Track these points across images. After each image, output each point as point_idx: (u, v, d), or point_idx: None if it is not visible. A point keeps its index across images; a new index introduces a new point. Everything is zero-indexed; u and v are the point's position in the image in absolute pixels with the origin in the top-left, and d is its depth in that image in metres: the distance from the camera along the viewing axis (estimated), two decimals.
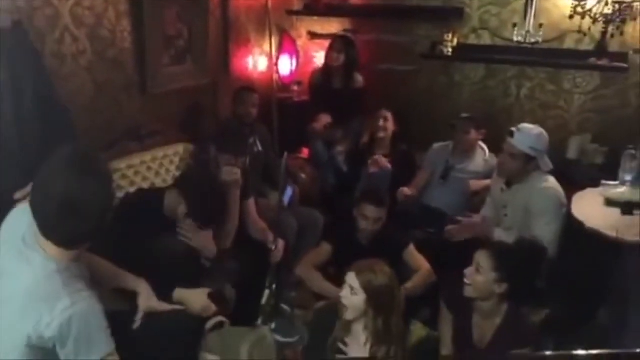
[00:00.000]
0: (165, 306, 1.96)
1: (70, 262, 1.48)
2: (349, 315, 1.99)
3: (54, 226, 1.41)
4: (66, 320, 1.38)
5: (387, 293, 1.98)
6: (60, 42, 2.48)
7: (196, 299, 2.10)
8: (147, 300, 1.91)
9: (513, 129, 2.63)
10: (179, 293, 2.10)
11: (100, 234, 1.47)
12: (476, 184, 3.27)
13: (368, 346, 2.00)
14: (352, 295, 1.97)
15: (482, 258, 2.08)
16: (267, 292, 2.49)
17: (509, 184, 2.69)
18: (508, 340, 2.07)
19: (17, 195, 1.71)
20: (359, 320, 2.00)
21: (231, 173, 2.55)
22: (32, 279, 1.43)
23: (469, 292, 2.10)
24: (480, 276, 2.06)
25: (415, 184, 3.44)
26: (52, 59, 2.44)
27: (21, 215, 1.51)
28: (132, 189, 2.57)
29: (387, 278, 1.99)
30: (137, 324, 1.87)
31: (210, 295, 2.15)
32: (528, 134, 2.58)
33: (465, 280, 2.10)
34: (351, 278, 1.99)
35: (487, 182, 3.11)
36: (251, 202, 2.80)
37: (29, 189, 1.64)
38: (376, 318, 1.96)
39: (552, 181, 2.61)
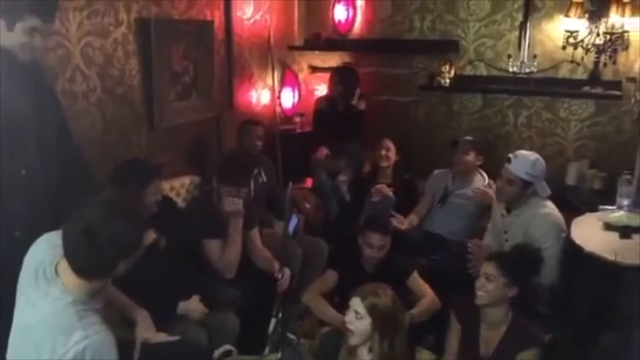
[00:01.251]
0: (161, 337, 1.99)
1: (87, 296, 1.51)
2: (354, 340, 2.01)
3: (76, 253, 1.46)
4: (80, 352, 1.41)
5: (392, 315, 2.01)
6: (71, 81, 2.58)
7: (195, 306, 2.32)
8: (144, 331, 1.95)
9: (510, 155, 2.70)
10: (182, 305, 2.30)
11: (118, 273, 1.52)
12: (485, 195, 3.26)
13: None
14: (358, 319, 1.99)
15: (489, 268, 2.19)
16: (273, 320, 2.52)
17: (508, 209, 2.74)
18: (515, 341, 2.15)
19: None
20: (364, 344, 2.03)
21: (233, 204, 2.60)
22: (48, 310, 1.47)
23: (481, 300, 2.19)
24: (490, 284, 2.17)
25: (417, 211, 3.50)
26: (64, 97, 2.53)
27: (42, 246, 1.57)
28: None
29: (390, 301, 2.02)
30: (135, 357, 1.91)
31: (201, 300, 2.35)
32: (524, 160, 2.65)
33: (477, 292, 2.19)
34: (356, 303, 2.01)
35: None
36: (255, 231, 2.85)
37: None
38: (382, 341, 1.99)
39: (550, 206, 2.66)
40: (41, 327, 1.46)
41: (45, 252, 1.55)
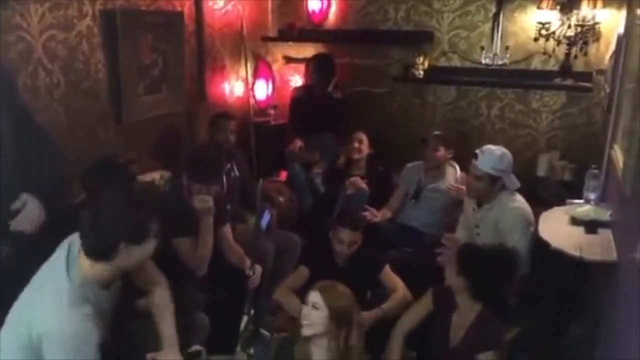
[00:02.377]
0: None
1: (95, 279, 1.64)
2: (307, 331, 2.02)
3: (82, 231, 1.62)
4: (56, 334, 1.54)
5: (348, 310, 2.04)
6: (33, 76, 2.50)
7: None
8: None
9: (477, 151, 2.72)
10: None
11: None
12: (457, 190, 3.25)
13: None
14: (314, 310, 2.01)
15: (459, 283, 2.24)
16: (245, 318, 2.51)
17: (479, 204, 2.77)
18: (477, 339, 2.18)
19: (13, 205, 1.84)
20: (320, 344, 2.03)
21: (202, 201, 2.56)
22: (53, 288, 1.61)
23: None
24: (459, 296, 2.25)
25: (390, 204, 3.51)
26: (26, 93, 2.45)
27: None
28: None
29: (347, 296, 2.06)
30: None
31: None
32: (490, 155, 2.67)
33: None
34: (314, 295, 2.03)
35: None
36: (227, 228, 2.82)
37: (22, 200, 1.83)
38: (338, 335, 2.01)
39: (520, 200, 2.69)
40: (39, 302, 1.60)
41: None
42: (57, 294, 1.59)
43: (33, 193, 1.89)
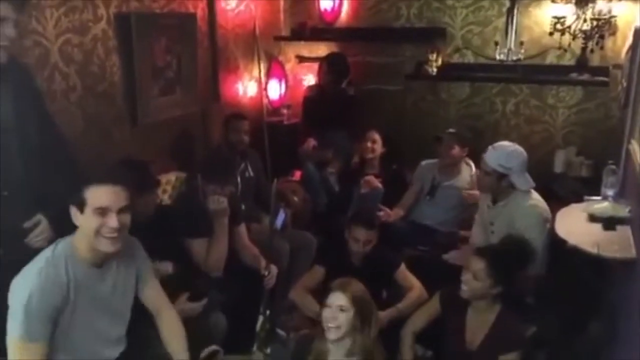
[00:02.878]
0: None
1: (70, 256, 1.71)
2: (336, 334, 1.99)
3: None
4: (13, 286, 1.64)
5: (369, 302, 2.05)
6: (50, 80, 2.53)
7: (185, 306, 2.28)
8: None
9: (490, 146, 2.70)
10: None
11: None
12: (471, 196, 3.27)
13: None
14: (342, 312, 1.99)
15: (478, 265, 2.19)
16: (261, 317, 2.52)
17: (494, 201, 2.75)
18: (499, 340, 2.17)
19: (27, 224, 1.81)
20: (339, 343, 2.03)
21: (217, 202, 2.58)
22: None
23: (465, 294, 2.23)
24: (477, 282, 2.19)
25: (403, 202, 3.50)
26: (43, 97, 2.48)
27: None
28: None
29: (363, 288, 2.07)
30: None
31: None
32: (499, 152, 2.66)
33: (463, 286, 2.22)
34: (338, 297, 2.01)
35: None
36: (242, 228, 2.84)
37: (35, 219, 1.80)
38: (363, 330, 2.00)
39: (535, 197, 2.66)
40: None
41: None
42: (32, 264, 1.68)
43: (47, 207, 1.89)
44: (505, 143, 2.75)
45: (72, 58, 2.65)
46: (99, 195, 1.67)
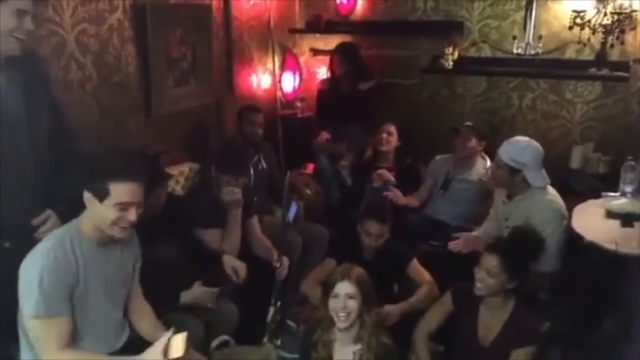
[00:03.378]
0: None
1: (75, 234, 1.73)
2: (347, 322, 2.01)
3: None
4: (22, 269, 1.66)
5: (372, 288, 2.07)
6: (66, 70, 2.55)
7: (201, 293, 2.33)
8: None
9: (505, 141, 2.68)
10: (188, 295, 2.30)
11: None
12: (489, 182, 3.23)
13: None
14: (351, 300, 2.01)
15: (491, 262, 2.16)
16: (272, 309, 2.53)
17: (510, 196, 2.71)
18: (514, 335, 2.14)
19: (36, 220, 1.81)
20: (348, 332, 2.04)
21: (231, 193, 2.58)
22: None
23: (480, 292, 2.19)
24: (492, 279, 2.16)
25: (417, 195, 3.48)
26: (58, 86, 2.50)
27: None
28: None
29: (363, 272, 2.08)
30: None
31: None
32: (513, 146, 2.63)
33: (477, 283, 2.19)
34: (345, 286, 2.02)
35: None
36: (254, 220, 2.84)
37: (45, 215, 1.79)
38: (369, 312, 2.03)
39: (552, 193, 2.62)
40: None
41: None
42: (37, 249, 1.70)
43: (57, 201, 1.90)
44: (521, 138, 2.72)
45: (88, 48, 2.66)
46: (123, 191, 1.69)
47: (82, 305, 1.74)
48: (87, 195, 1.71)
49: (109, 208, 1.69)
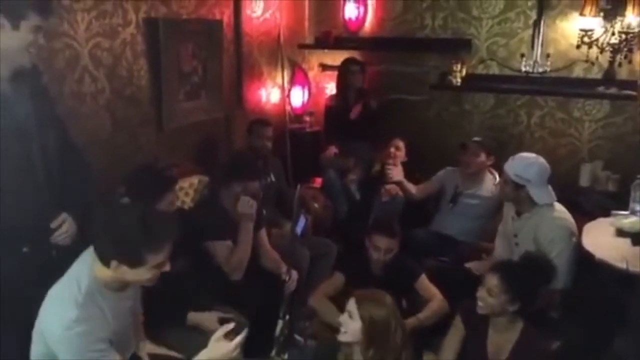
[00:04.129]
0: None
1: (97, 288, 1.65)
2: (343, 337, 2.01)
3: (94, 235, 1.64)
4: (62, 334, 1.56)
5: (384, 325, 1.97)
6: (80, 82, 2.59)
7: (209, 320, 2.27)
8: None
9: (511, 156, 2.70)
10: (193, 316, 2.27)
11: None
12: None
13: None
14: (350, 320, 1.99)
15: (492, 281, 2.14)
16: (280, 322, 2.52)
17: (519, 213, 2.71)
18: (524, 357, 2.11)
19: (53, 224, 1.84)
20: (357, 349, 2.01)
21: (247, 205, 2.58)
22: (72, 286, 1.64)
23: (481, 310, 2.17)
24: (492, 299, 2.13)
25: (417, 188, 3.54)
26: (72, 99, 2.54)
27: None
28: None
29: (385, 310, 1.99)
30: None
31: (220, 320, 2.25)
32: (518, 162, 2.64)
33: (478, 302, 2.17)
34: (351, 304, 2.01)
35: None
36: (263, 232, 2.84)
37: (60, 219, 1.83)
38: (367, 349, 1.97)
39: (561, 210, 2.62)
40: (53, 299, 1.64)
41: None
42: (70, 298, 1.61)
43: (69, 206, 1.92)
44: (526, 154, 2.73)
45: (102, 61, 2.70)
46: (161, 255, 1.65)
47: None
48: (114, 264, 1.62)
49: (145, 272, 1.65)
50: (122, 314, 1.76)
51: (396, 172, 3.52)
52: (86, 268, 1.66)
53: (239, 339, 1.70)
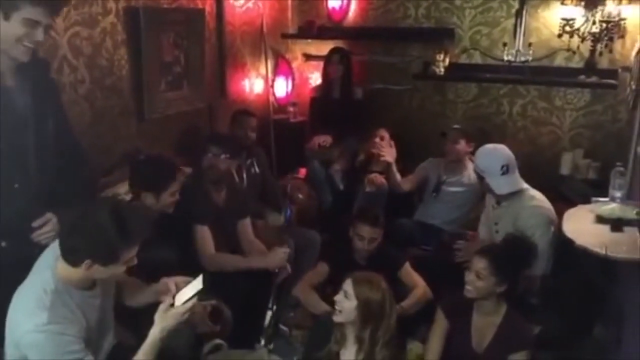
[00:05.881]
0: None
1: (63, 286, 1.61)
2: (338, 318, 2.03)
3: (62, 242, 1.58)
4: (34, 338, 1.53)
5: (378, 306, 2.01)
6: (59, 72, 2.53)
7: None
8: None
9: None
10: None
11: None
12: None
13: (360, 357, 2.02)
14: (345, 299, 2.02)
15: (480, 264, 2.18)
16: (269, 313, 2.53)
17: (498, 201, 2.74)
18: (508, 340, 2.16)
19: (36, 223, 1.78)
20: (351, 330, 2.03)
21: (281, 256, 2.64)
22: (37, 288, 1.59)
23: (470, 294, 2.20)
24: (481, 282, 2.17)
25: (404, 180, 3.54)
26: None
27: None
28: None
29: (381, 293, 2.03)
30: None
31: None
32: (478, 153, 2.73)
33: (467, 286, 2.20)
34: (347, 284, 2.04)
35: None
36: (247, 221, 2.84)
37: (45, 218, 1.77)
38: (363, 328, 2.00)
39: (539, 198, 2.66)
40: (19, 303, 1.60)
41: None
42: (37, 301, 1.57)
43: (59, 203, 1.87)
44: (489, 146, 2.79)
45: (81, 51, 2.65)
46: (134, 249, 1.64)
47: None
48: (86, 264, 1.58)
49: (119, 267, 1.63)
50: (92, 311, 1.72)
51: (388, 152, 3.49)
52: (49, 270, 1.62)
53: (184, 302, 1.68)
